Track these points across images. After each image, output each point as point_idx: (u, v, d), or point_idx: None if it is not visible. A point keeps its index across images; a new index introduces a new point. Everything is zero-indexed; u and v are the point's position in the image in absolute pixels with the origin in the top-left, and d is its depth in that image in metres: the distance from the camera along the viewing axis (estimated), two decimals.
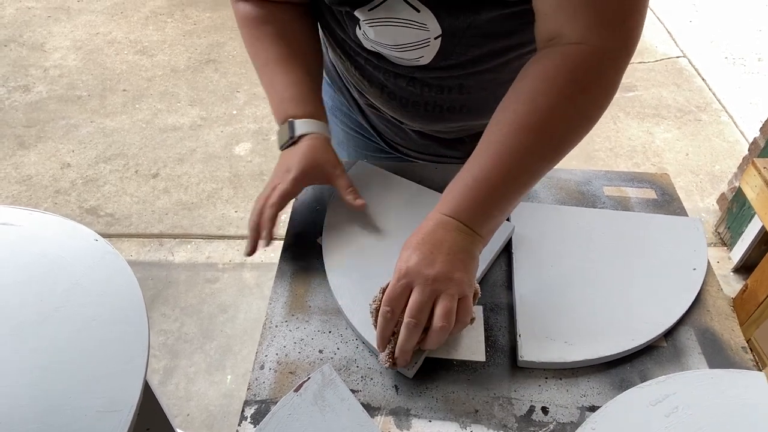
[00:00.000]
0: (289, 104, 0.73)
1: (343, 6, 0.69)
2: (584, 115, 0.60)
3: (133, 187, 2.20)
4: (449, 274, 0.55)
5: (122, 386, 0.54)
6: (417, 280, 0.55)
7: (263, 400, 0.57)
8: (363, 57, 0.77)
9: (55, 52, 2.97)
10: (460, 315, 0.56)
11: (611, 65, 0.59)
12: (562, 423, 0.55)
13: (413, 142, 0.91)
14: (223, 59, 2.93)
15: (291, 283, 0.68)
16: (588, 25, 0.58)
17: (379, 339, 0.57)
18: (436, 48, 0.70)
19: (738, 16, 3.35)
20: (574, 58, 0.59)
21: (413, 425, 0.55)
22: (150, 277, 1.86)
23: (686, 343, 0.62)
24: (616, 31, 0.58)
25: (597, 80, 0.59)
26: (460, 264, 0.56)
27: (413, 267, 0.56)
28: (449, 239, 0.57)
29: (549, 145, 0.59)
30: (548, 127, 0.59)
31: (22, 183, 2.21)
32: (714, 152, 2.39)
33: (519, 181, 0.59)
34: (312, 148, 0.71)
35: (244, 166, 2.30)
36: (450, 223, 0.58)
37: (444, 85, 0.76)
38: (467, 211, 0.58)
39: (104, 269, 0.65)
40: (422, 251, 0.56)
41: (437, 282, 0.55)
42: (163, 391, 1.55)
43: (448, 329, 0.55)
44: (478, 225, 0.58)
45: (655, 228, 0.74)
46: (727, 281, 1.87)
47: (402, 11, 0.67)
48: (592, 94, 0.60)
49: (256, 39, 0.76)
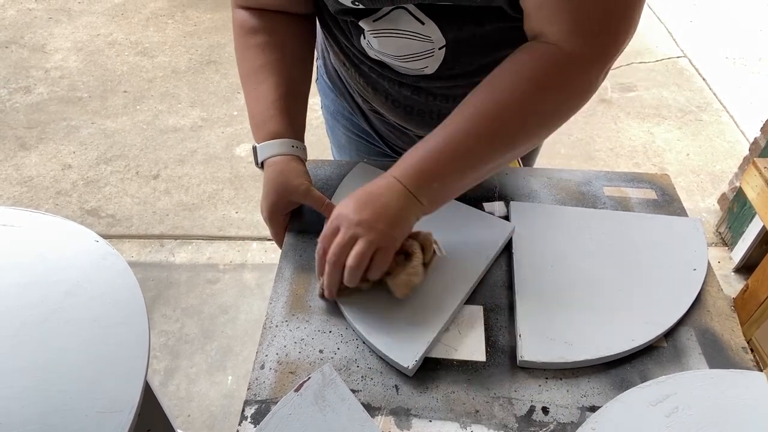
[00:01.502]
0: (254, 125, 0.73)
1: (348, 16, 0.69)
2: (539, 113, 0.61)
3: (133, 188, 2.20)
4: (372, 224, 0.59)
5: (123, 387, 0.54)
6: (343, 223, 0.60)
7: (264, 399, 0.57)
8: (367, 65, 0.77)
9: (56, 53, 2.97)
10: (374, 262, 0.59)
11: (580, 71, 0.60)
12: (562, 423, 0.55)
13: None
14: (223, 60, 2.93)
15: (291, 283, 0.68)
16: (563, 30, 0.59)
17: (317, 271, 0.64)
18: (440, 58, 0.70)
19: (738, 16, 3.34)
20: (545, 58, 0.60)
21: (413, 425, 0.55)
22: (151, 278, 1.86)
23: (686, 343, 0.62)
24: (593, 39, 0.59)
25: (561, 83, 0.60)
26: (387, 218, 0.59)
27: (344, 211, 0.60)
28: (386, 196, 0.60)
29: (499, 135, 0.61)
30: (501, 118, 0.60)
31: (23, 184, 2.21)
32: (715, 152, 2.39)
33: (464, 162, 0.61)
34: (273, 180, 0.70)
35: (244, 167, 2.30)
36: (394, 185, 0.60)
37: (449, 94, 0.76)
38: (412, 177, 0.60)
39: (105, 270, 0.65)
40: (358, 201, 0.61)
41: (359, 227, 0.59)
42: (163, 392, 1.56)
43: (357, 269, 0.59)
44: (421, 193, 0.60)
45: (655, 228, 0.74)
46: (728, 281, 1.87)
47: (406, 23, 0.67)
48: (551, 95, 0.61)
49: (244, 48, 0.75)
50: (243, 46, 0.75)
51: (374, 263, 0.59)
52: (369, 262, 0.59)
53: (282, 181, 0.70)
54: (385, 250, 0.59)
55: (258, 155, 0.71)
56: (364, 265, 0.59)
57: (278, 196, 0.70)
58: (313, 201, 0.70)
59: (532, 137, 0.63)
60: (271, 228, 0.74)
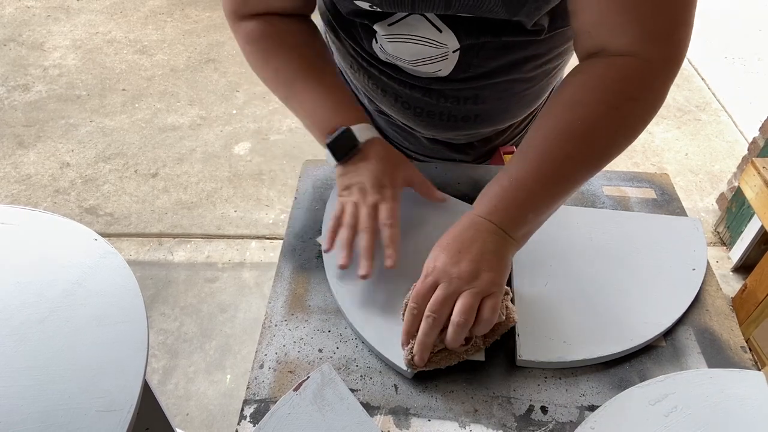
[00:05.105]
0: (334, 112, 0.69)
1: (362, 19, 0.68)
2: (628, 125, 0.59)
3: (132, 187, 2.19)
4: (474, 273, 0.55)
5: (122, 386, 0.54)
6: (442, 278, 0.55)
7: (263, 399, 0.57)
8: (378, 68, 0.76)
9: (54, 51, 2.96)
10: (484, 313, 0.55)
11: (658, 77, 0.59)
12: (561, 422, 0.55)
13: (423, 146, 0.91)
14: (222, 59, 2.93)
15: (291, 283, 0.68)
16: (633, 41, 0.57)
17: (404, 335, 0.57)
18: (454, 61, 0.70)
19: (738, 16, 3.35)
20: (621, 69, 0.58)
21: (412, 424, 0.55)
22: (149, 276, 1.86)
23: (685, 342, 0.62)
24: (663, 44, 0.57)
25: (643, 92, 0.59)
26: (486, 264, 0.56)
27: (440, 266, 0.56)
28: (479, 240, 0.56)
29: (590, 153, 0.59)
30: (590, 135, 0.58)
31: (22, 182, 2.20)
32: (713, 152, 2.40)
33: (557, 188, 0.59)
34: (384, 155, 0.68)
35: (243, 165, 2.30)
36: (482, 224, 0.57)
37: (460, 96, 0.75)
38: (501, 213, 0.57)
39: (103, 269, 0.65)
40: (450, 251, 0.57)
41: (461, 280, 0.55)
42: (162, 391, 1.55)
43: (464, 325, 0.54)
44: (512, 228, 0.57)
45: (654, 228, 0.74)
46: (726, 281, 1.87)
47: (423, 29, 0.66)
48: (638, 105, 0.59)
49: (271, 55, 0.71)
50: (267, 52, 0.72)
51: (482, 315, 0.55)
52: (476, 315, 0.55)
53: (395, 157, 0.69)
54: (492, 298, 0.55)
55: (358, 137, 0.68)
56: (471, 320, 0.54)
57: (398, 168, 0.69)
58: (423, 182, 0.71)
59: (619, 149, 0.61)
60: (389, 204, 0.65)
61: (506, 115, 0.81)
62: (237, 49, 3.00)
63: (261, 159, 2.33)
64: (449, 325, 0.54)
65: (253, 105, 2.62)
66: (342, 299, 0.64)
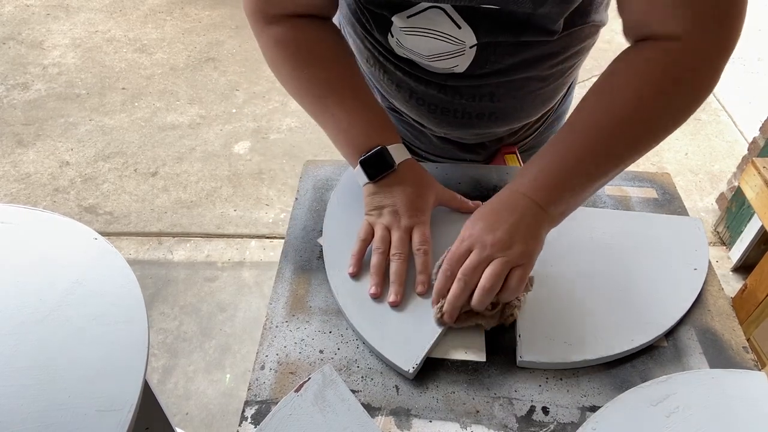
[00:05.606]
0: (370, 131, 0.69)
1: (381, 9, 0.67)
2: (675, 109, 0.59)
3: (132, 186, 2.19)
4: (508, 243, 0.57)
5: (122, 385, 0.54)
6: (476, 244, 0.58)
7: (264, 400, 0.56)
8: (393, 63, 0.76)
9: (53, 50, 2.96)
10: (511, 282, 0.57)
11: (707, 65, 0.58)
12: (562, 423, 0.55)
13: (433, 146, 0.90)
14: (222, 57, 2.92)
15: (291, 284, 0.68)
16: (685, 26, 0.57)
17: (435, 295, 0.60)
18: (471, 57, 0.69)
19: None
20: (671, 54, 0.58)
21: (414, 425, 0.55)
22: (149, 275, 1.86)
23: (687, 343, 0.62)
24: (714, 31, 0.57)
25: (691, 79, 0.59)
26: (520, 236, 0.58)
27: (476, 233, 0.59)
28: (517, 213, 0.58)
29: (634, 137, 0.60)
30: (636, 119, 0.58)
31: (21, 181, 2.20)
32: (713, 152, 2.40)
33: (597, 169, 0.60)
34: (418, 178, 0.69)
35: (243, 164, 2.30)
36: (520, 199, 0.59)
37: (476, 93, 0.75)
38: (539, 190, 0.59)
39: (103, 268, 0.65)
40: (487, 220, 0.59)
41: (494, 248, 0.57)
42: (162, 390, 1.55)
43: (491, 290, 0.56)
44: (549, 205, 0.59)
45: (655, 228, 0.74)
46: (726, 281, 1.87)
47: (441, 24, 0.65)
48: (685, 92, 0.59)
49: (302, 64, 0.69)
50: (294, 60, 0.70)
51: (510, 284, 0.57)
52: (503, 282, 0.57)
53: (429, 180, 0.70)
54: (521, 269, 0.57)
55: (394, 158, 0.68)
56: (498, 286, 0.57)
57: (432, 193, 0.69)
58: (458, 201, 0.71)
59: (663, 135, 0.61)
60: (424, 229, 0.66)
61: (521, 113, 0.81)
62: (237, 48, 3.01)
63: (261, 158, 2.33)
64: (476, 288, 0.57)
65: (253, 104, 2.62)
66: (343, 300, 0.64)
